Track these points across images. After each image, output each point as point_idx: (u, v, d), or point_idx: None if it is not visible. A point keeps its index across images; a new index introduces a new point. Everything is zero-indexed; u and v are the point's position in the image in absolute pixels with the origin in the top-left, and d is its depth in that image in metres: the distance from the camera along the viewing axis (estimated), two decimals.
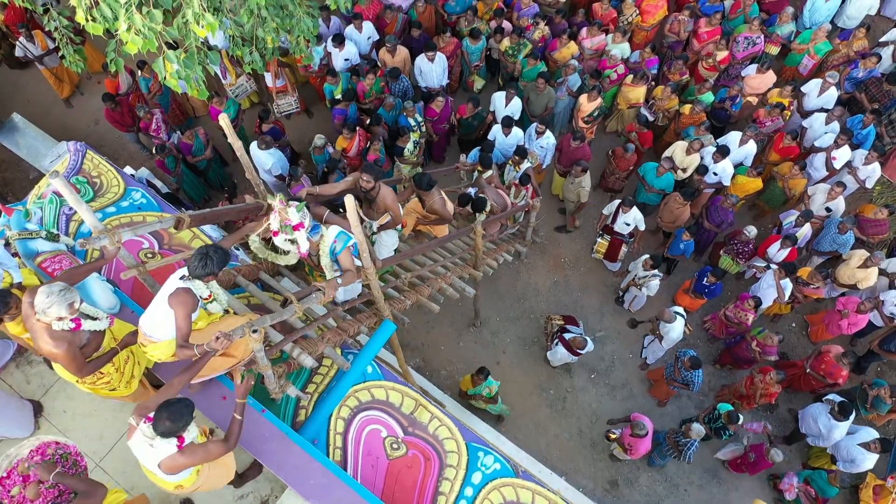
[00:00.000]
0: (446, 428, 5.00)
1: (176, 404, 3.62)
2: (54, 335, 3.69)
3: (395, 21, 9.85)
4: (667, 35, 10.20)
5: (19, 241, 4.50)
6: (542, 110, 9.49)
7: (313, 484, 4.26)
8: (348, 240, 4.71)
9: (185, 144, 9.33)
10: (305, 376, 5.06)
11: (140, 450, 3.74)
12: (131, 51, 4.52)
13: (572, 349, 8.18)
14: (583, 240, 9.96)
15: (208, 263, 3.85)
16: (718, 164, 8.79)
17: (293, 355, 4.57)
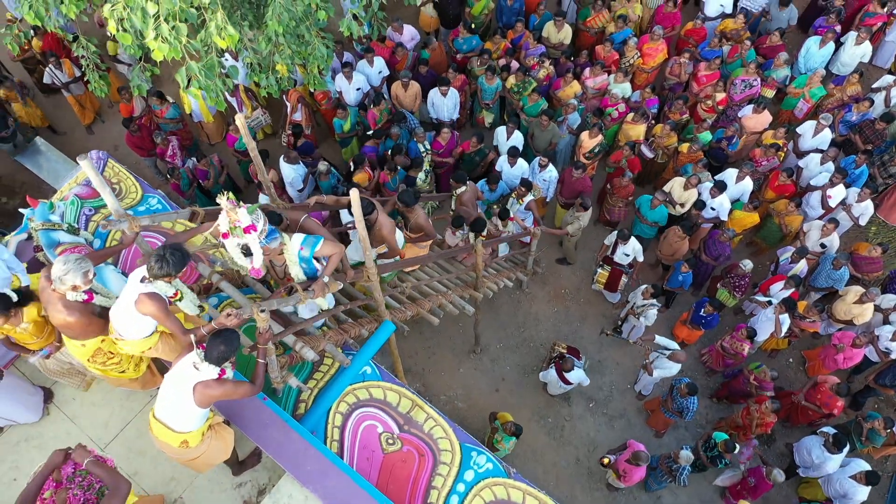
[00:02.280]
0: (441, 428, 5.14)
1: (227, 331, 3.90)
2: (68, 304, 3.91)
3: (406, 58, 10.31)
4: (667, 77, 10.61)
5: (42, 232, 4.77)
6: (546, 145, 9.83)
7: (310, 470, 4.40)
8: (317, 240, 4.59)
9: (200, 171, 9.69)
10: (307, 372, 5.23)
11: (179, 377, 3.94)
12: (157, 57, 4.87)
13: (560, 372, 8.29)
14: (583, 271, 10.16)
15: (163, 265, 3.92)
16: (716, 200, 9.04)
17: (295, 348, 4.76)
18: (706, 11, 10.94)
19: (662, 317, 9.44)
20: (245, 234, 4.23)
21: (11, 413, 5.08)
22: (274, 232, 4.48)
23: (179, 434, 4.07)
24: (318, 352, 4.90)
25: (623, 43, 10.42)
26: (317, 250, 4.53)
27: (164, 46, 4.81)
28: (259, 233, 4.27)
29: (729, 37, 10.55)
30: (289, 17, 5.90)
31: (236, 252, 4.33)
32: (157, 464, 4.96)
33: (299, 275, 4.61)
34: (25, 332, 4.64)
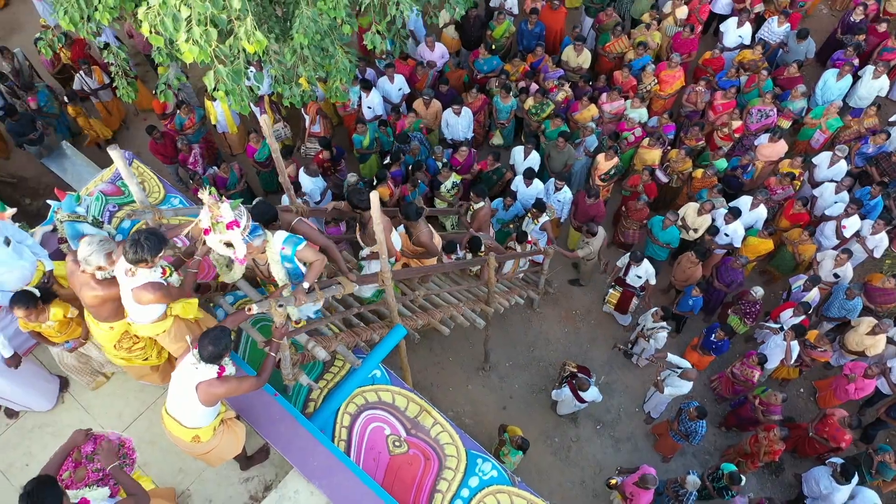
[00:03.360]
0: (448, 434, 5.18)
1: (213, 330, 3.94)
2: (98, 283, 4.03)
3: (426, 77, 10.51)
4: (684, 105, 10.72)
5: (68, 223, 4.90)
6: (561, 167, 9.94)
7: (317, 465, 4.45)
8: (299, 241, 4.45)
9: (220, 178, 9.87)
10: (318, 372, 5.31)
11: (182, 376, 4.00)
12: (187, 59, 5.04)
13: (575, 391, 8.28)
14: (594, 293, 10.19)
15: (138, 250, 3.90)
16: (730, 226, 9.07)
17: (307, 347, 4.83)
18: (725, 42, 11.08)
19: (673, 341, 9.45)
20: (228, 230, 4.12)
21: (27, 400, 5.18)
22: (257, 229, 4.37)
23: (191, 430, 4.14)
24: (329, 352, 4.97)
25: (641, 69, 10.56)
26: (298, 250, 4.41)
27: (195, 49, 4.98)
28: (242, 229, 4.16)
29: (746, 67, 10.67)
30: (314, 29, 6.07)
31: (219, 247, 4.23)
32: (167, 455, 5.03)
33: (281, 274, 4.51)
34: (51, 328, 4.77)
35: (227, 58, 5.48)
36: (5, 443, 5.28)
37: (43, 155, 10.81)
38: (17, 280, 4.81)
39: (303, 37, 6.03)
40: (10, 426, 5.35)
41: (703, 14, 11.24)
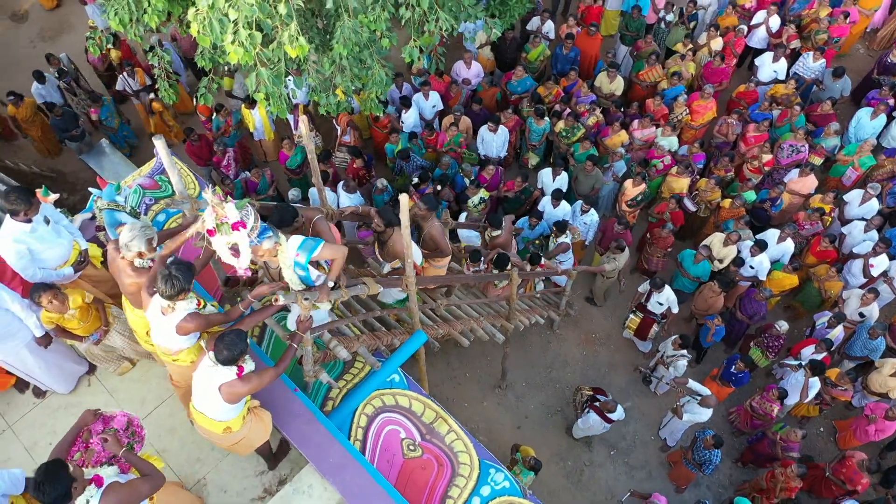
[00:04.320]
0: (462, 442, 5.22)
1: (229, 334, 3.94)
2: (135, 270, 4.15)
3: (460, 95, 10.66)
4: (715, 136, 10.74)
5: (107, 211, 5.05)
6: (588, 190, 9.99)
7: (332, 462, 4.51)
8: (315, 246, 4.26)
9: (251, 182, 10.06)
10: (338, 372, 5.38)
11: (203, 377, 4.05)
12: (231, 60, 5.21)
13: (603, 414, 8.24)
14: (615, 318, 10.17)
15: (175, 283, 3.89)
16: (755, 258, 9.03)
17: (329, 346, 4.91)
18: (759, 76, 11.11)
19: (692, 371, 9.38)
20: (233, 230, 3.95)
21: (51, 381, 5.32)
22: (267, 230, 4.19)
23: (222, 422, 4.21)
24: (350, 353, 5.05)
25: (674, 99, 10.62)
26: (315, 255, 4.24)
27: (240, 50, 5.14)
28: (249, 230, 4.00)
29: (779, 101, 10.68)
30: (354, 41, 6.22)
31: (224, 251, 4.06)
32: (185, 444, 5.12)
33: (293, 280, 4.34)
34: (72, 318, 4.90)
35: (270, 61, 5.65)
36: (32, 421, 5.43)
37: (83, 151, 11.13)
38: (56, 258, 4.97)
39: (342, 47, 6.17)
40: (37, 405, 5.49)
41: (738, 47, 11.29)
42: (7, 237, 4.78)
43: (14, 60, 12.61)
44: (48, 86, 10.75)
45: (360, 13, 5.99)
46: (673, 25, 11.63)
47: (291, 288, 4.39)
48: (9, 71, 12.28)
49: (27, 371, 5.17)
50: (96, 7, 11.63)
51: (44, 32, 13.22)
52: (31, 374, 5.22)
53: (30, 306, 4.89)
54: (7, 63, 12.54)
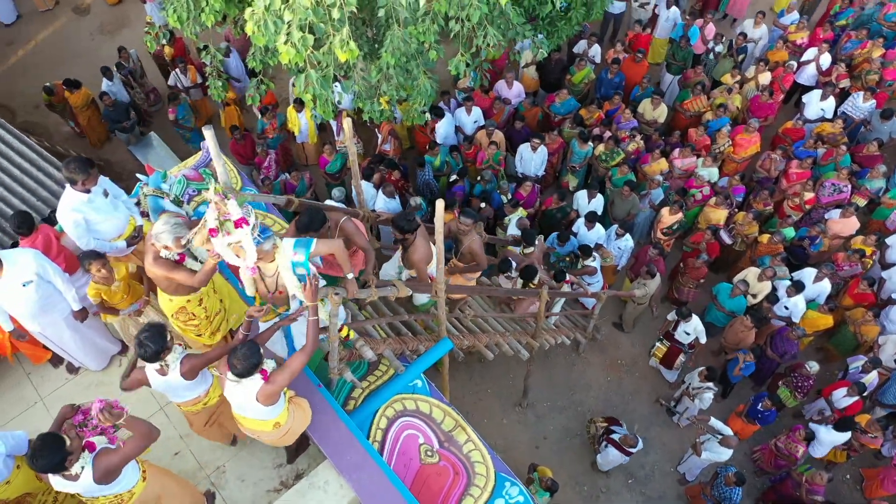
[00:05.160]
0: (479, 453, 5.23)
1: (239, 349, 3.93)
2: (157, 260, 4.26)
3: (502, 112, 10.74)
4: (757, 170, 10.64)
5: (151, 197, 5.22)
6: (624, 215, 9.95)
7: (349, 460, 4.55)
8: (309, 243, 4.22)
9: (290, 184, 10.23)
10: (362, 372, 5.43)
11: (235, 394, 4.08)
12: (283, 60, 5.35)
13: (623, 449, 8.16)
14: (642, 345, 10.07)
15: (147, 349, 3.93)
16: (791, 300, 8.86)
17: (356, 346, 4.97)
18: (806, 113, 10.99)
19: (718, 406, 9.22)
20: (236, 228, 3.91)
21: (84, 357, 5.47)
22: (267, 231, 4.17)
23: (270, 420, 4.26)
24: (376, 354, 5.10)
25: (717, 130, 10.55)
26: (312, 251, 4.18)
27: (291, 51, 5.27)
28: (251, 227, 3.96)
29: (825, 140, 10.54)
30: (402, 51, 6.33)
31: (227, 252, 4.02)
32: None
33: (293, 282, 4.25)
34: (117, 290, 5.05)
35: (320, 64, 5.79)
36: (62, 395, 5.59)
37: (131, 142, 11.46)
38: (112, 230, 5.16)
39: (390, 56, 6.28)
40: (69, 380, 5.66)
41: (786, 83, 11.20)
42: (66, 206, 5.01)
43: (74, 52, 13.07)
44: (116, 82, 11.12)
45: (411, 24, 6.10)
46: (721, 57, 11.59)
47: (291, 292, 4.31)
48: (68, 62, 12.73)
49: (63, 346, 5.33)
50: (155, 4, 12.03)
51: (104, 26, 13.68)
52: (66, 350, 5.38)
53: (70, 280, 5.05)
54: (67, 54, 13.00)
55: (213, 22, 7.00)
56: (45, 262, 4.91)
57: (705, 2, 13.17)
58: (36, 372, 5.77)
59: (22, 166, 7.92)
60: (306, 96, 5.93)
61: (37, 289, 4.83)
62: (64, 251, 5.44)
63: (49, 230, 5.51)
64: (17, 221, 5.31)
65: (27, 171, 7.90)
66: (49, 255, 5.23)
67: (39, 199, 7.72)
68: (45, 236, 5.41)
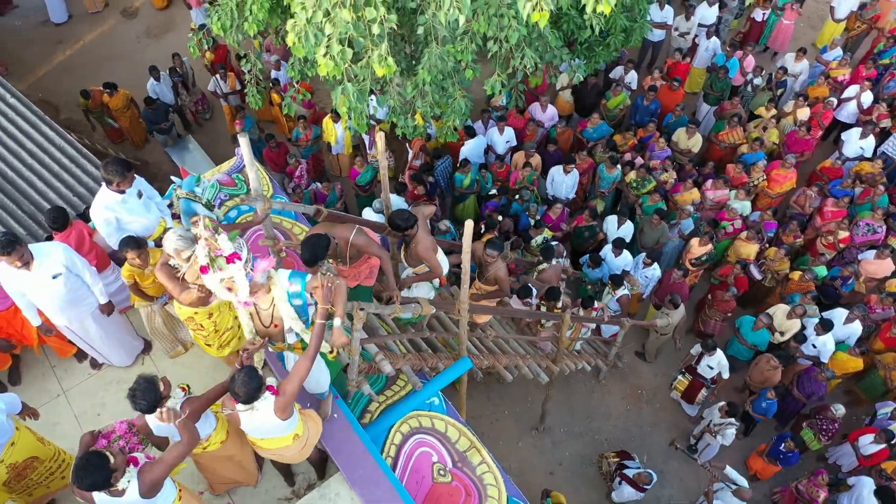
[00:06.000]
0: (493, 475, 5.17)
1: (238, 377, 3.86)
2: (164, 266, 4.33)
3: (535, 134, 10.75)
4: (791, 206, 10.48)
5: (184, 200, 5.29)
6: (652, 243, 9.86)
7: (361, 474, 4.53)
8: (304, 276, 4.10)
9: (321, 194, 10.32)
10: (380, 386, 5.43)
11: (253, 422, 4.04)
12: (322, 72, 5.41)
13: (638, 486, 8.03)
14: (664, 376, 9.92)
15: (140, 404, 3.86)
16: (820, 338, 8.69)
17: (375, 359, 4.97)
18: (845, 151, 10.82)
19: (739, 444, 9.04)
20: (228, 263, 3.81)
21: (110, 352, 5.55)
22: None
23: (290, 434, 4.24)
24: (394, 369, 5.09)
25: (752, 164, 10.43)
26: (308, 283, 4.06)
27: (330, 63, 5.33)
28: (244, 262, 3.86)
29: (864, 179, 10.37)
30: (439, 68, 6.38)
31: (219, 288, 3.92)
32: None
33: (290, 313, 4.11)
34: (150, 273, 5.10)
35: (357, 78, 5.85)
36: (85, 390, 5.67)
37: (168, 144, 11.68)
38: (140, 230, 5.26)
39: (427, 73, 6.33)
40: (91, 376, 5.74)
41: (825, 119, 11.05)
42: (99, 204, 5.13)
43: (119, 54, 13.40)
44: (163, 84, 11.36)
45: (449, 43, 6.15)
46: (759, 90, 11.49)
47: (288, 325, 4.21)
48: (113, 63, 13.06)
49: (88, 341, 5.41)
50: (201, 11, 12.30)
51: (150, 30, 14.00)
52: (91, 345, 5.46)
53: (97, 274, 5.14)
54: (113, 55, 13.34)
55: (255, 31, 7.12)
56: (74, 256, 5.00)
57: (746, 33, 13.05)
58: (60, 365, 5.86)
59: (62, 162, 8.08)
60: (342, 108, 6.00)
61: (65, 281, 4.90)
62: (96, 248, 5.55)
63: (83, 226, 5.63)
64: (52, 216, 5.43)
65: (66, 167, 8.06)
66: (81, 250, 5.33)
67: (76, 196, 7.86)
68: (79, 232, 5.53)
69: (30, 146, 8.07)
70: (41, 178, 7.89)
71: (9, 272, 4.72)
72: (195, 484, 5.11)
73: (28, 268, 4.69)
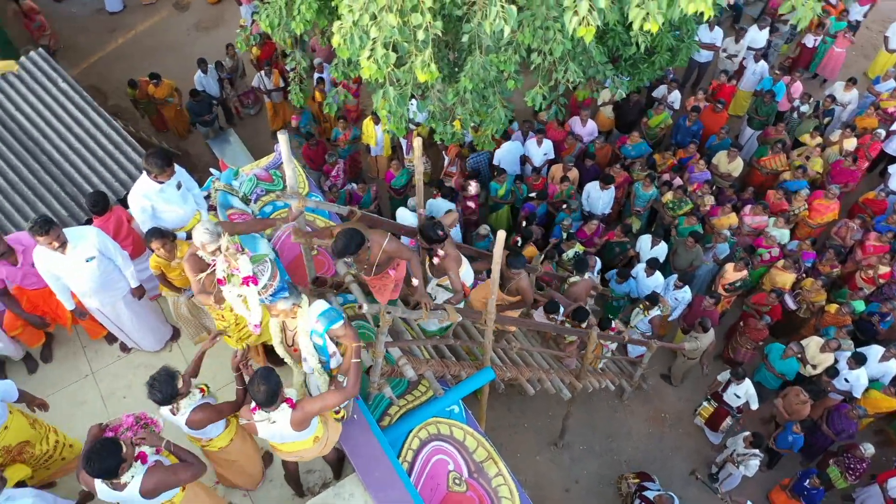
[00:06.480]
0: (508, 488, 5.13)
1: (256, 376, 3.87)
2: (192, 256, 4.37)
3: (573, 147, 10.69)
4: (832, 237, 10.25)
5: (221, 192, 5.39)
6: (686, 266, 9.72)
7: (377, 477, 4.53)
8: (336, 320, 4.03)
9: (356, 195, 10.40)
10: (402, 390, 5.43)
11: (272, 434, 4.08)
12: (364, 75, 5.46)
13: None
14: (690, 402, 9.75)
15: (157, 394, 3.93)
16: (852, 372, 8.48)
17: (398, 363, 4.98)
18: (891, 184, 10.57)
19: (762, 476, 8.84)
20: (243, 285, 3.85)
21: (138, 337, 5.64)
22: (283, 291, 3.97)
23: (310, 438, 4.28)
24: (417, 374, 5.09)
25: (794, 192, 10.23)
26: (332, 329, 4.02)
27: (373, 67, 5.37)
28: (260, 287, 3.84)
29: None
30: (481, 77, 6.39)
31: (236, 301, 3.96)
32: None
33: (307, 347, 4.12)
34: (177, 266, 5.19)
35: (399, 82, 5.89)
36: (113, 372, 5.79)
37: (210, 136, 11.89)
38: (175, 220, 5.36)
39: (468, 81, 6.35)
40: (120, 358, 5.85)
41: (873, 151, 10.80)
42: (137, 192, 5.24)
43: (169, 45, 13.70)
44: (209, 76, 11.57)
45: (493, 52, 6.15)
46: (806, 117, 11.27)
47: (304, 356, 4.21)
48: (162, 53, 13.36)
49: (119, 324, 5.51)
50: (250, 7, 12.51)
51: (201, 23, 14.29)
52: (122, 328, 5.56)
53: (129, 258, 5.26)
54: (163, 46, 13.64)
55: (301, 30, 7.21)
56: (107, 240, 5.11)
57: (796, 59, 12.83)
58: (91, 346, 5.99)
59: (106, 148, 8.27)
60: (382, 111, 6.04)
61: (98, 265, 5.01)
62: (133, 234, 5.66)
63: (122, 212, 5.75)
64: (93, 200, 5.56)
65: (110, 153, 8.25)
66: (119, 235, 5.45)
67: (118, 181, 8.04)
68: (118, 217, 5.65)
69: (77, 130, 8.27)
70: (86, 162, 8.08)
71: (45, 254, 4.84)
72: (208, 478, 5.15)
73: (63, 250, 4.80)
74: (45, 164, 7.98)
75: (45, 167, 7.96)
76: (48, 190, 7.79)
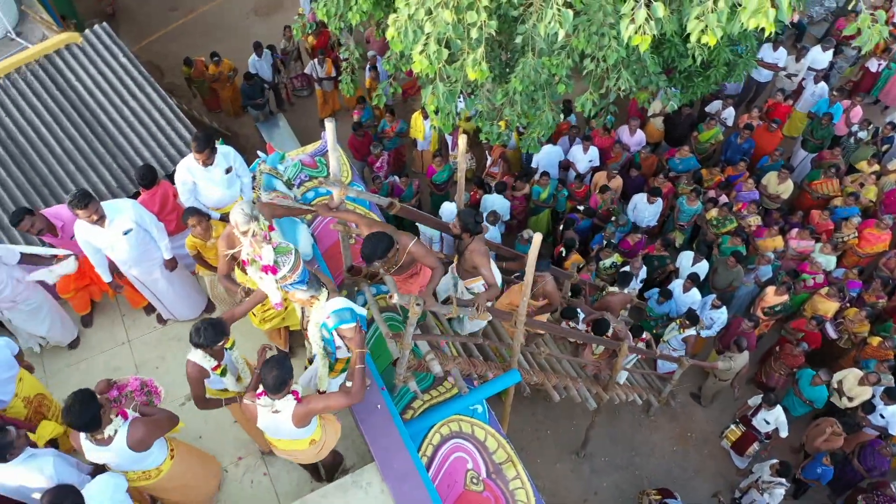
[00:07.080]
0: (525, 492, 5.12)
1: (268, 362, 3.93)
2: (229, 236, 4.40)
3: (620, 156, 10.58)
4: (880, 268, 9.95)
5: (266, 175, 5.45)
6: (725, 285, 9.54)
7: (396, 469, 4.56)
8: (349, 320, 4.08)
9: (398, 188, 10.45)
10: (427, 384, 5.46)
11: (271, 424, 4.11)
12: (415, 69, 5.49)
13: None
14: (717, 423, 9.57)
15: (195, 335, 4.00)
16: (889, 408, 8.24)
17: (426, 358, 5.00)
18: None
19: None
20: (263, 272, 3.98)
21: (174, 306, 5.80)
22: (304, 282, 4.11)
23: (306, 439, 4.30)
24: (443, 370, 5.10)
25: (845, 219, 9.96)
26: (341, 329, 4.10)
27: (425, 62, 5.39)
28: (278, 277, 3.98)
29: None
30: (532, 79, 6.36)
31: (258, 278, 4.09)
32: None
33: (315, 337, 4.25)
34: (213, 247, 5.28)
35: (449, 79, 5.90)
36: (148, 342, 5.94)
37: (259, 119, 12.08)
38: (215, 200, 5.49)
39: (519, 83, 6.32)
40: (156, 329, 6.00)
41: None
42: (183, 167, 5.41)
43: (226, 27, 13.96)
44: (263, 60, 11.74)
45: (545, 55, 6.12)
46: (863, 143, 10.95)
47: (314, 345, 4.31)
48: (219, 35, 13.61)
49: (157, 293, 5.64)
50: None
51: (258, 8, 14.52)
52: (159, 297, 5.70)
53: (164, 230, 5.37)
54: (221, 28, 13.91)
55: (358, 21, 7.27)
56: (143, 211, 5.23)
57: (857, 83, 12.45)
58: (130, 315, 6.14)
59: (159, 123, 8.46)
60: (430, 107, 6.06)
61: (135, 236, 5.14)
62: (178, 209, 5.78)
63: (169, 187, 5.88)
64: (141, 173, 5.70)
65: (162, 128, 8.43)
66: (164, 210, 5.58)
67: (167, 156, 8.22)
68: (164, 192, 5.78)
69: (132, 104, 8.48)
70: (139, 136, 8.28)
71: (85, 228, 4.97)
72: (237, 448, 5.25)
73: (102, 224, 4.92)
74: (100, 135, 8.19)
75: (100, 138, 8.17)
76: (101, 161, 8.00)
